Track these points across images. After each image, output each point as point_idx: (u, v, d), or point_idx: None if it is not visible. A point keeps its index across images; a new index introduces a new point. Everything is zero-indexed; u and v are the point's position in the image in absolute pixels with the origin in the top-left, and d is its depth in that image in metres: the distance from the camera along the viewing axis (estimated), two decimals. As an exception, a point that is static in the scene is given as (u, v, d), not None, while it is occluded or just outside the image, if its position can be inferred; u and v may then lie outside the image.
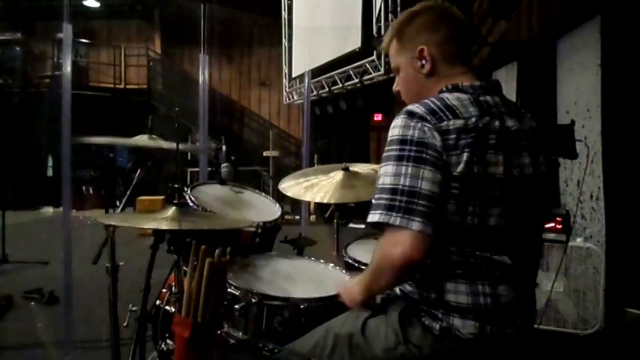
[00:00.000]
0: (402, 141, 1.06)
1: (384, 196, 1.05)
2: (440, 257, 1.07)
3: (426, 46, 1.19)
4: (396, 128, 1.08)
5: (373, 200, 1.08)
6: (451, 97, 1.11)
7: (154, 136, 1.95)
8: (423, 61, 1.19)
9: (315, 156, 8.08)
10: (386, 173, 1.06)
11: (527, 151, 1.13)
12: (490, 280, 1.08)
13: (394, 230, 1.03)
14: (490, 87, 1.17)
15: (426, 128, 1.05)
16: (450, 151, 1.04)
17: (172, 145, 1.92)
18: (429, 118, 1.06)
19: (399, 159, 1.05)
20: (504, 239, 1.09)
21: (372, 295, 1.19)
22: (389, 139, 1.09)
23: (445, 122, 1.05)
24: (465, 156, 1.04)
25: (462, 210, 1.05)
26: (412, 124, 1.06)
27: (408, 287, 1.17)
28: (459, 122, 1.06)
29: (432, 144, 1.04)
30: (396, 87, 1.30)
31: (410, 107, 1.10)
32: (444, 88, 1.16)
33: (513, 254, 1.10)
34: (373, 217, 1.06)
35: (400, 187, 1.03)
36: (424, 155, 1.03)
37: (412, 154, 1.04)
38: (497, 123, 1.09)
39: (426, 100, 1.10)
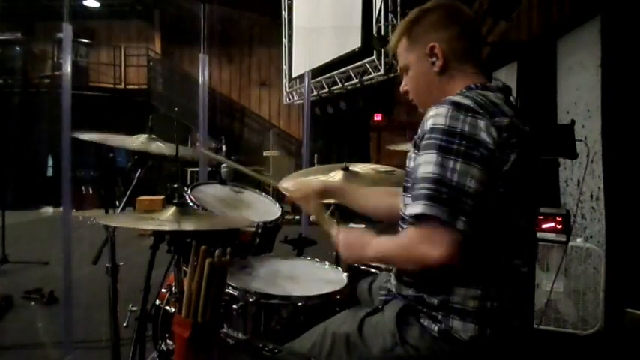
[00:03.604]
0: (450, 133, 1.00)
1: (427, 185, 1.00)
2: (466, 261, 1.02)
3: (437, 43, 1.17)
4: (440, 117, 1.02)
5: (414, 191, 1.03)
6: (490, 95, 1.09)
7: (153, 137, 1.95)
8: (434, 59, 1.18)
9: (315, 156, 8.08)
10: (427, 162, 1.01)
11: (535, 153, 1.15)
12: (503, 284, 1.07)
13: (435, 226, 0.98)
14: (507, 90, 1.18)
15: (481, 123, 1.01)
16: (504, 149, 1.01)
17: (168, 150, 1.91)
18: (481, 111, 1.02)
19: (446, 151, 1.00)
20: (526, 240, 1.11)
21: (379, 262, 1.19)
22: (430, 126, 1.03)
23: (497, 118, 1.03)
24: (513, 156, 1.02)
25: (503, 209, 1.04)
26: (461, 116, 1.01)
27: (407, 288, 1.15)
28: (506, 120, 1.04)
29: (484, 141, 1.00)
30: (404, 86, 1.28)
31: (455, 98, 1.05)
32: (474, 86, 1.14)
33: (528, 256, 1.12)
34: (414, 208, 1.00)
35: (447, 180, 0.98)
36: (475, 152, 0.99)
37: (462, 149, 0.99)
38: (522, 125, 1.11)
39: (467, 94, 1.07)
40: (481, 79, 1.16)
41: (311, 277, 1.67)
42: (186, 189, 1.95)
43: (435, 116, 1.04)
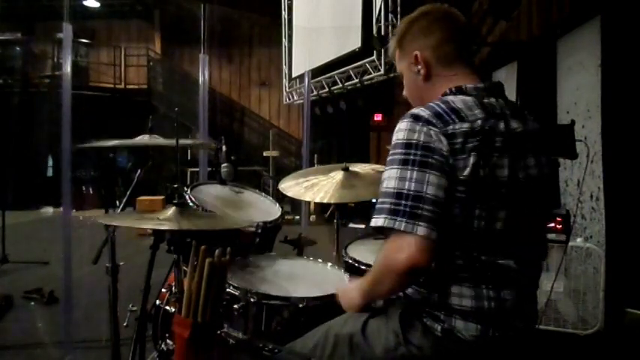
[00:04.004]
0: (407, 145, 1.05)
1: (388, 200, 1.04)
2: (445, 261, 1.06)
3: (419, 51, 1.20)
4: (401, 132, 1.07)
5: (377, 204, 1.07)
6: (456, 100, 1.10)
7: (155, 136, 1.95)
8: (419, 67, 1.21)
9: (315, 156, 8.08)
10: (390, 177, 1.05)
11: (531, 152, 1.13)
12: (494, 284, 1.07)
13: (399, 235, 1.02)
14: (494, 89, 1.17)
15: (432, 132, 1.04)
16: (457, 155, 1.03)
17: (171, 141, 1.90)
18: (434, 121, 1.05)
19: (404, 163, 1.04)
20: (510, 242, 1.09)
21: (371, 300, 1.20)
22: (393, 142, 1.08)
23: (451, 126, 1.04)
24: (471, 160, 1.03)
25: (468, 214, 1.05)
26: (417, 127, 1.05)
27: (409, 289, 1.16)
28: (465, 125, 1.05)
29: (437, 148, 1.03)
30: (404, 93, 1.32)
31: (415, 110, 1.09)
32: (448, 91, 1.15)
33: (518, 257, 1.10)
34: (377, 221, 1.05)
35: (405, 191, 1.02)
36: (429, 160, 1.03)
37: (417, 158, 1.03)
38: (502, 125, 1.09)
39: (431, 104, 1.10)
40: (464, 81, 1.16)
41: (313, 278, 1.67)
42: (186, 189, 1.95)
43: (397, 132, 1.08)
